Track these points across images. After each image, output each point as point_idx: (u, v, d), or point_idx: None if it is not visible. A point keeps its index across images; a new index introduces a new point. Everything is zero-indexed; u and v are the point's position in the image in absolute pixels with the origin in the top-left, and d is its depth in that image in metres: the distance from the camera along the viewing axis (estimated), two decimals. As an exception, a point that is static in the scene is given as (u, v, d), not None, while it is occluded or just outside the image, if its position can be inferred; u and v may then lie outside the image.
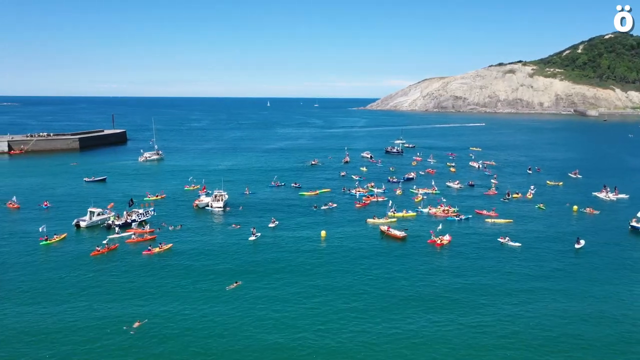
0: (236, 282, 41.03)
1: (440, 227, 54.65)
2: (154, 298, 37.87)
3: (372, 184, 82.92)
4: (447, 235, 52.36)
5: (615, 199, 75.01)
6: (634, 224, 58.02)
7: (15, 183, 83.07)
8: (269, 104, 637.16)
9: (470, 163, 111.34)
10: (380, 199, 72.07)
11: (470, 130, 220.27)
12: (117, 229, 54.04)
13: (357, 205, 68.61)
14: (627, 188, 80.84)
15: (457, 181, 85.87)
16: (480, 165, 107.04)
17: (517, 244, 51.07)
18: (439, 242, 51.06)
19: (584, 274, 43.45)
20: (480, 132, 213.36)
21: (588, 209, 66.90)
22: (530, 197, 75.88)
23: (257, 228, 54.95)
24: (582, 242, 50.62)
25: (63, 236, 53.12)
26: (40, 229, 52.35)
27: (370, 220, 60.04)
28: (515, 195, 75.53)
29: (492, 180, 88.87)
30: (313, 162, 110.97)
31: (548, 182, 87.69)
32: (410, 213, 64.27)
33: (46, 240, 51.37)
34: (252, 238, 52.38)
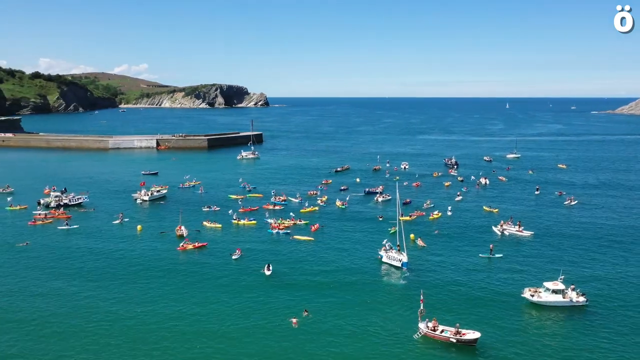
0: (26, 242, 60.27)
1: (185, 232, 61.14)
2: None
3: (317, 191, 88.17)
4: (195, 242, 59.05)
5: (507, 234, 62.09)
6: (381, 253, 52.80)
7: (98, 170, 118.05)
8: (507, 106, 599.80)
9: (479, 179, 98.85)
10: (277, 208, 77.92)
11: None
12: (38, 207, 78.61)
13: (238, 214, 75.35)
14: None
15: (387, 194, 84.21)
16: (487, 182, 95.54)
17: (237, 257, 54.55)
18: (182, 245, 58.34)
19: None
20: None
21: (419, 239, 59.50)
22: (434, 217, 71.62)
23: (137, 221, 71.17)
24: (271, 268, 49.79)
25: (25, 206, 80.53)
26: (8, 200, 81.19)
27: (204, 223, 68.80)
28: (407, 218, 69.79)
29: (457, 196, 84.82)
30: (339, 169, 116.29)
31: (485, 207, 75.47)
32: (252, 221, 69.73)
33: (10, 207, 79.74)
34: (64, 227, 67.80)
